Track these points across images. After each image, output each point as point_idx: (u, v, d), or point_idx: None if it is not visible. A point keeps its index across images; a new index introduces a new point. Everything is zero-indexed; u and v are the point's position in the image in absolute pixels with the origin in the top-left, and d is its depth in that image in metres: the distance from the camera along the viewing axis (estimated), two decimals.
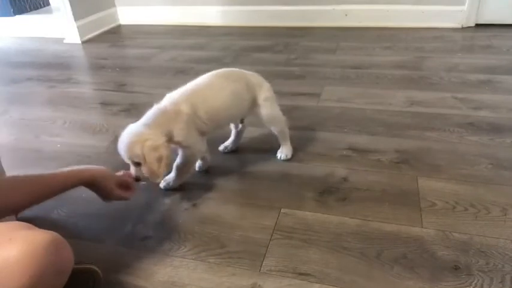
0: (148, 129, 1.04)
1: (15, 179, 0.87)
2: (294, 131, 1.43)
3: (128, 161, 1.05)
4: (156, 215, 1.11)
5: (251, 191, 1.18)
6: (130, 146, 1.02)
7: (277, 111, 1.25)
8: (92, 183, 0.97)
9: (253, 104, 1.20)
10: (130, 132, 1.05)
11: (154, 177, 1.05)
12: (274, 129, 1.27)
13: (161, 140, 1.03)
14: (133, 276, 0.92)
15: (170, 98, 1.11)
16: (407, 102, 1.62)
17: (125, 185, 1.05)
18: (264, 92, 1.20)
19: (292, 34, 2.62)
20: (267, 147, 1.37)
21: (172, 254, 0.97)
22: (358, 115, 1.55)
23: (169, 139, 1.06)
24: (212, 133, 1.18)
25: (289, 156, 1.30)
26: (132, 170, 1.06)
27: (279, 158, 1.30)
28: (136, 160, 1.03)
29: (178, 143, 1.09)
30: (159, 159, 1.02)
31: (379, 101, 1.65)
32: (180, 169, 1.16)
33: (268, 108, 1.21)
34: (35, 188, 0.89)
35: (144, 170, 1.04)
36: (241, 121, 1.30)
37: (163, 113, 1.07)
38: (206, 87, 1.15)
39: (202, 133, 1.14)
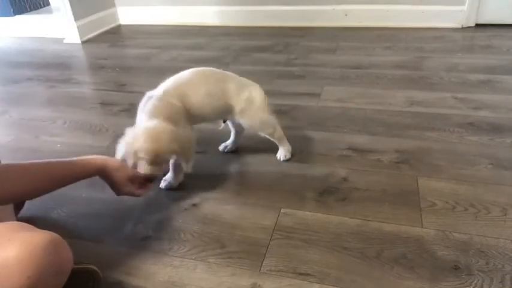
0: (164, 122, 1.03)
1: (20, 167, 0.86)
2: (294, 131, 1.43)
3: (147, 159, 1.00)
4: (156, 215, 1.11)
5: (251, 191, 1.18)
6: (165, 143, 1.00)
7: (258, 120, 1.20)
8: (102, 173, 0.97)
9: (230, 110, 1.18)
10: (150, 131, 1.01)
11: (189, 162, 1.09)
12: (264, 135, 1.26)
13: (181, 127, 1.05)
14: (133, 276, 0.92)
15: (158, 93, 1.12)
16: (407, 102, 1.62)
17: (138, 182, 1.04)
18: (241, 103, 1.16)
19: (292, 34, 2.62)
20: (266, 147, 1.36)
21: (172, 254, 0.97)
22: (358, 115, 1.55)
23: None
24: (206, 132, 1.18)
25: (288, 156, 1.30)
26: (149, 169, 1.01)
27: (278, 159, 1.30)
28: (169, 156, 1.04)
29: None
30: (191, 144, 1.07)
31: (379, 101, 1.65)
32: (178, 165, 1.16)
33: (246, 118, 1.19)
34: (48, 176, 0.89)
35: (180, 159, 1.07)
36: (224, 121, 1.29)
37: (163, 106, 1.08)
38: (186, 83, 1.16)
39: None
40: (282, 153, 1.30)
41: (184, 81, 1.16)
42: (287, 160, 1.29)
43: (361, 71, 1.96)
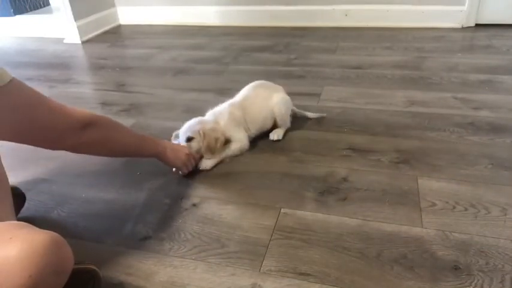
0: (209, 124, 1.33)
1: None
2: (294, 131, 1.44)
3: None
4: (156, 215, 1.11)
5: (251, 191, 1.18)
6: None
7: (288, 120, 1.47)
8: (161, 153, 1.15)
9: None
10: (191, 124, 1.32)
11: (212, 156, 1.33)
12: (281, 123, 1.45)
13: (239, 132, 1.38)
14: (134, 276, 0.92)
15: (229, 103, 1.40)
16: (407, 102, 1.62)
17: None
18: (279, 111, 1.42)
19: (292, 34, 2.62)
20: (266, 147, 1.37)
21: (172, 254, 0.97)
22: (358, 115, 1.55)
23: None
24: None
25: (280, 137, 1.41)
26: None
27: (271, 138, 1.41)
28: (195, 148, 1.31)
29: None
30: (218, 145, 1.31)
31: (379, 101, 1.65)
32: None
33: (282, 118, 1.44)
34: (136, 139, 1.09)
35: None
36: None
37: (225, 113, 1.37)
38: (246, 99, 1.41)
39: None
40: (276, 133, 1.42)
41: (245, 97, 1.42)
42: (278, 140, 1.40)
43: (361, 71, 1.96)
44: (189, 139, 1.27)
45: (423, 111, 1.55)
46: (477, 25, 2.49)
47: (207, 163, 1.29)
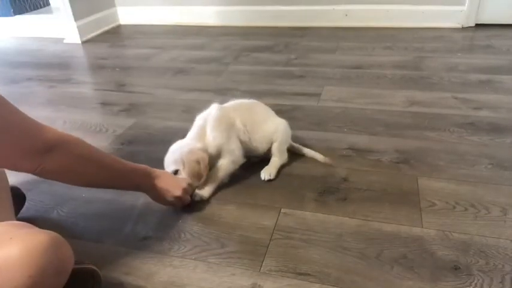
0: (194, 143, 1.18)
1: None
2: (294, 131, 1.43)
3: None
4: (156, 215, 1.11)
5: (251, 191, 1.18)
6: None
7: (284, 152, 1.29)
8: (148, 178, 1.01)
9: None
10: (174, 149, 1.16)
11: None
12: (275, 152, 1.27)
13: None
14: (133, 276, 0.92)
15: (220, 108, 1.23)
16: (407, 102, 1.62)
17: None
18: (278, 140, 1.26)
19: (292, 34, 2.62)
20: None
21: (172, 254, 0.97)
22: (358, 115, 1.55)
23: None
24: None
25: (272, 176, 1.21)
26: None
27: (263, 178, 1.21)
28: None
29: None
30: (200, 167, 1.12)
31: (379, 101, 1.65)
32: (211, 176, 1.17)
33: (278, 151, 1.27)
34: (111, 168, 0.93)
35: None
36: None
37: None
38: (249, 109, 1.28)
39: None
40: (267, 172, 1.22)
41: (247, 107, 1.28)
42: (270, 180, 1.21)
43: (361, 71, 1.96)
44: (176, 172, 1.12)
45: (423, 111, 1.55)
46: (477, 25, 2.49)
47: (202, 193, 1.14)
